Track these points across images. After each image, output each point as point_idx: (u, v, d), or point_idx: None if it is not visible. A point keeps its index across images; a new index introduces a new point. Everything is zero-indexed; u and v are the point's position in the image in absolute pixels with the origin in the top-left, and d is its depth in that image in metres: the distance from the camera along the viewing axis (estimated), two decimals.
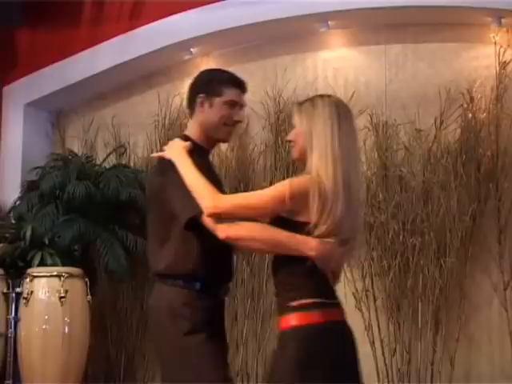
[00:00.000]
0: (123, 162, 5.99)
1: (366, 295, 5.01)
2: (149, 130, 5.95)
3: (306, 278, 2.46)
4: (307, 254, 2.42)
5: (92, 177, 5.50)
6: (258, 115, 5.52)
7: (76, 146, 6.20)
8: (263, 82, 5.55)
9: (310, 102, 2.58)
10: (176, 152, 2.64)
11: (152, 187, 2.76)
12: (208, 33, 5.54)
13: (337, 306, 2.51)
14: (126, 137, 6.12)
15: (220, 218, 2.44)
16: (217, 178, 2.83)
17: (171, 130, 5.88)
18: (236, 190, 5.42)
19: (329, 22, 5.29)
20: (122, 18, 5.96)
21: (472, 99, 4.97)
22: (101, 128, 6.22)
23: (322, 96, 2.61)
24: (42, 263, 5.17)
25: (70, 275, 5.09)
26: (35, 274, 5.08)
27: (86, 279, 5.18)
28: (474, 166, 4.91)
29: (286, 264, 2.49)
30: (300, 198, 2.41)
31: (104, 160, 5.92)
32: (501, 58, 4.93)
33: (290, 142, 2.62)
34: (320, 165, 2.45)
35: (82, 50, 6.06)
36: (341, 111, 2.54)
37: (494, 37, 4.97)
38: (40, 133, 6.37)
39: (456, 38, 5.11)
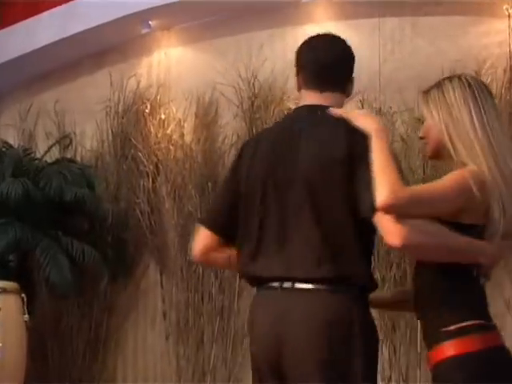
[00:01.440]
0: (68, 156, 5.95)
1: None
2: (99, 118, 5.90)
3: (470, 294, 2.41)
4: (480, 262, 2.38)
5: (31, 173, 5.45)
6: (229, 101, 5.50)
7: (11, 137, 6.13)
8: (235, 61, 5.52)
9: (437, 87, 2.55)
10: (376, 124, 2.46)
11: (337, 143, 2.48)
12: (169, 2, 5.47)
13: (495, 327, 2.43)
14: (72, 126, 6.06)
15: (393, 212, 2.30)
16: None
17: (125, 117, 5.85)
18: (202, 190, 5.38)
19: None
20: None
21: None
22: (41, 115, 6.17)
23: (449, 78, 2.57)
24: None
25: (3, 290, 5.02)
26: None
27: (23, 295, 5.09)
28: None
29: (446, 276, 2.42)
30: (480, 192, 2.37)
31: (45, 153, 5.88)
32: None
33: (422, 138, 2.59)
34: (469, 157, 2.42)
35: (19, 20, 6.01)
36: (477, 91, 2.51)
37: (507, 9, 4.95)
38: None
39: (462, 11, 5.08)
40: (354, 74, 2.76)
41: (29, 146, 5.94)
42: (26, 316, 5.11)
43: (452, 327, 2.36)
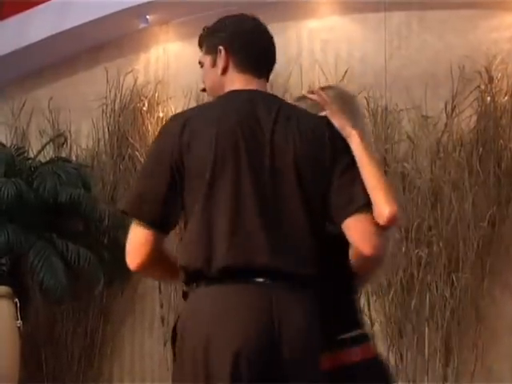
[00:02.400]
0: (63, 155, 5.94)
1: None
2: (95, 116, 5.89)
3: (356, 304, 2.59)
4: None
5: (24, 173, 5.45)
6: None
7: (3, 135, 6.12)
8: None
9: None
10: (355, 129, 2.44)
11: (319, 136, 2.41)
12: None
13: None
14: (67, 124, 6.04)
15: (394, 224, 2.38)
16: None
17: (122, 115, 5.83)
18: None
19: None
20: None
21: (491, 79, 4.94)
22: (35, 113, 6.15)
23: (322, 89, 2.61)
24: None
25: None
26: None
27: (16, 300, 5.10)
28: (494, 160, 4.87)
29: (342, 287, 2.49)
30: None
31: (39, 152, 5.87)
32: None
33: None
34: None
35: (11, 15, 6.02)
36: (350, 105, 2.57)
37: None
38: None
39: (471, 4, 5.06)
40: None
41: (22, 145, 5.92)
42: (19, 321, 5.10)
43: (349, 335, 2.46)
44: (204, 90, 2.59)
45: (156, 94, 5.78)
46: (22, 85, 6.24)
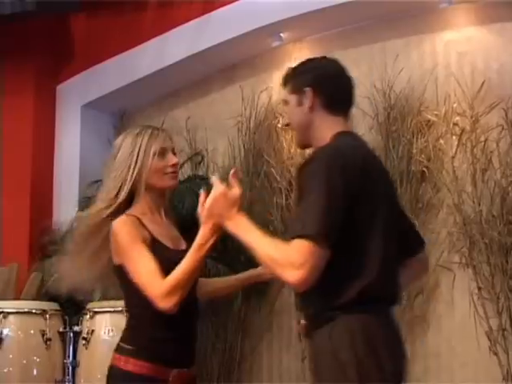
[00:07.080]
0: (200, 173, 6.07)
1: (504, 335, 4.86)
2: (231, 134, 6.02)
3: None
4: None
5: None
6: (364, 113, 5.45)
7: None
8: (370, 71, 5.52)
9: None
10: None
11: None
12: (301, 13, 5.52)
13: None
14: (204, 142, 6.20)
15: None
16: None
17: (257, 132, 5.93)
18: None
19: None
20: None
21: None
22: (173, 132, 6.08)
23: None
24: (104, 296, 5.23)
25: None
26: (97, 310, 5.13)
27: None
28: None
29: None
30: None
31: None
32: None
33: None
34: None
35: (149, 38, 6.18)
36: None
37: None
38: (101, 138, 6.49)
39: None
40: None
41: None
42: None
43: None
44: (287, 125, 2.89)
45: None
46: (161, 105, 6.45)
